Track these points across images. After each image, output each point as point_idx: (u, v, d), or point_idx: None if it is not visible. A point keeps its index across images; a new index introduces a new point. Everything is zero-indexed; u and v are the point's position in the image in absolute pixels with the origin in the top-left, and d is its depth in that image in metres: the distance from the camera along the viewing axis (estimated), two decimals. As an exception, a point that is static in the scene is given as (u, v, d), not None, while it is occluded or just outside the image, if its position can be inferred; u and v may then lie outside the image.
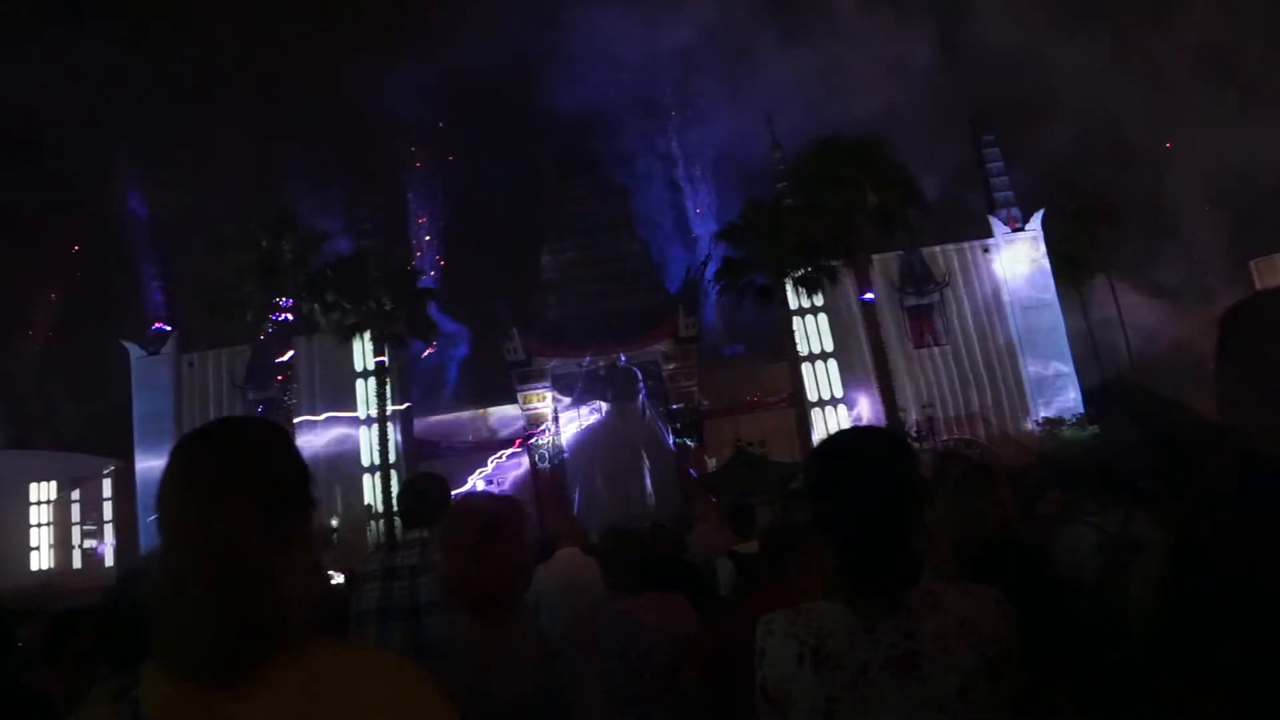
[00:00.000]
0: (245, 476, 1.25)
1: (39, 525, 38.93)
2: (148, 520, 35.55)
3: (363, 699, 1.20)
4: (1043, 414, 34.25)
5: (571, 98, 45.77)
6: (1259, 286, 38.09)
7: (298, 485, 1.34)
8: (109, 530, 39.59)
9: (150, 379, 37.67)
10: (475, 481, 36.04)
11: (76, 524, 39.48)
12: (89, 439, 42.40)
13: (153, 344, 38.15)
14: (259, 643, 1.17)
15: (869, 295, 30.58)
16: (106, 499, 39.79)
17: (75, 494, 39.56)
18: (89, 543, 39.41)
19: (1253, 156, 42.62)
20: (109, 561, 38.42)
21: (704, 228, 46.33)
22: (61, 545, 38.87)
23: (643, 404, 38.77)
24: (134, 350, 38.15)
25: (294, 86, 48.50)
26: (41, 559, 38.40)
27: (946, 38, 48.36)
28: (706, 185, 48.03)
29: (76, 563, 38.67)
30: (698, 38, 48.10)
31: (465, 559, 1.99)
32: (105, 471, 39.83)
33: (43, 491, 39.23)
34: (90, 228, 45.52)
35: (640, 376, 38.95)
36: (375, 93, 49.15)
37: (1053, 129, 45.82)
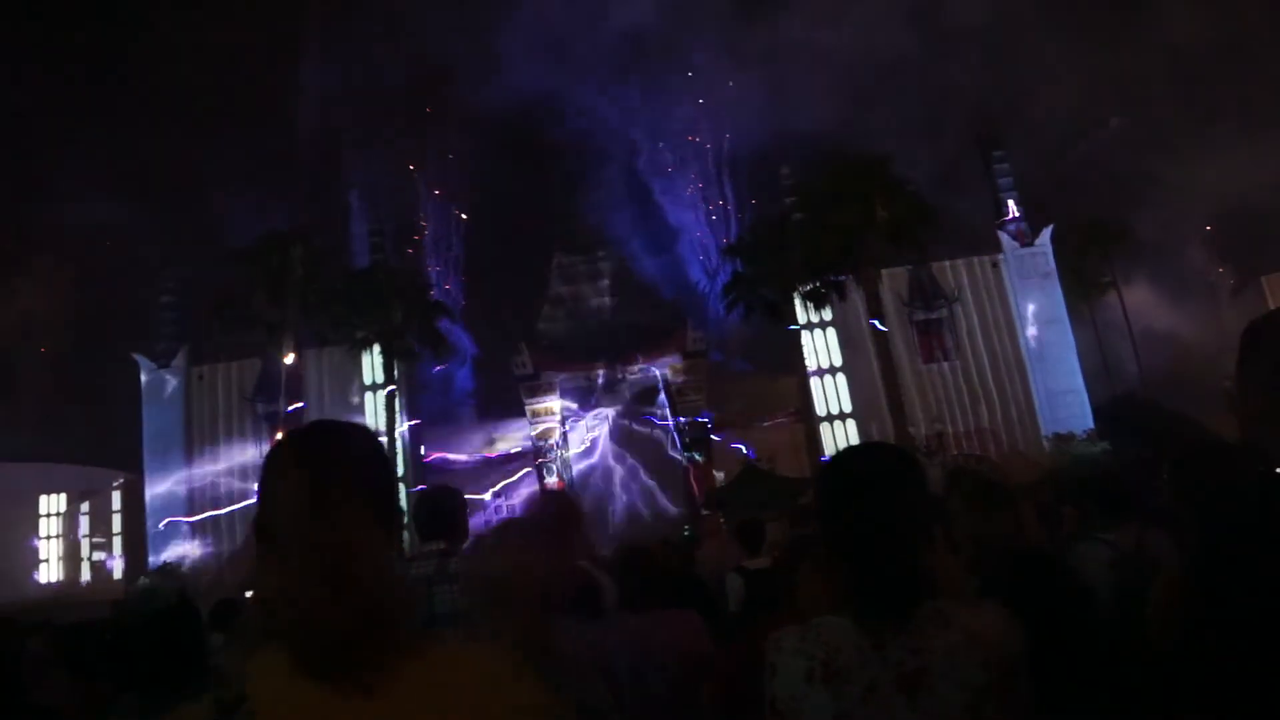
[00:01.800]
0: (364, 481, 1.27)
1: (48, 538, 39.05)
2: (156, 531, 35.66)
3: (501, 694, 1.22)
4: (1052, 430, 34.08)
5: (579, 111, 45.99)
6: (1270, 302, 37.97)
7: (395, 482, 1.38)
8: (118, 543, 39.68)
9: (160, 392, 37.81)
10: (485, 496, 36.00)
11: (85, 537, 39.57)
12: (98, 452, 42.57)
13: (162, 357, 38.32)
14: (385, 641, 1.19)
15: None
16: (116, 512, 39.90)
17: (84, 507, 39.67)
18: (98, 555, 39.50)
19: (1264, 172, 42.50)
20: (117, 574, 38.50)
21: (713, 243, 46.37)
22: (70, 558, 38.97)
23: (650, 419, 38.77)
24: (144, 363, 38.31)
25: (301, 96, 48.81)
26: (50, 571, 38.50)
27: (956, 53, 48.47)
28: (717, 200, 48.08)
29: (85, 575, 38.75)
30: (710, 53, 48.25)
31: (549, 551, 1.99)
32: (114, 484, 39.96)
33: (52, 504, 39.37)
34: (99, 239, 45.80)
35: (649, 391, 38.98)
36: (382, 104, 49.38)
37: (1063, 144, 45.83)
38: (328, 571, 1.18)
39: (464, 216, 47.37)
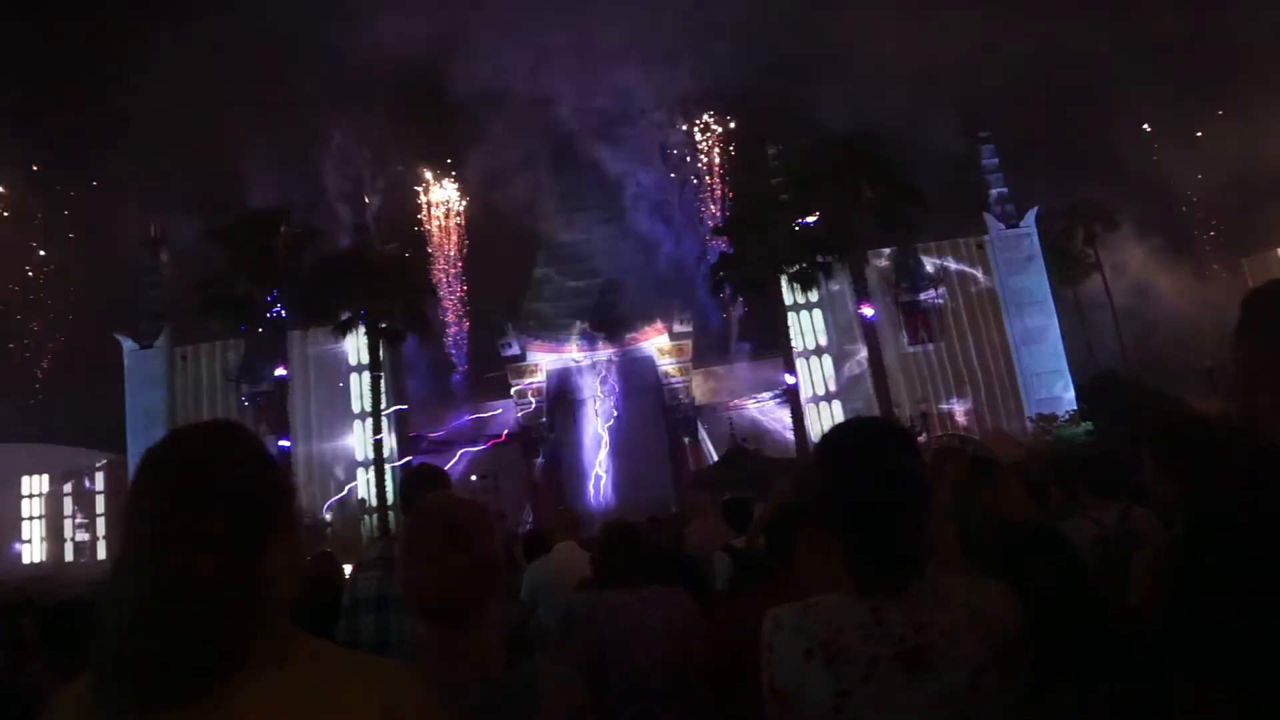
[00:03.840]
0: (206, 490, 1.21)
1: (31, 518, 38.82)
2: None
3: (347, 700, 1.19)
4: (1036, 410, 34.32)
5: (570, 93, 45.63)
6: (1251, 283, 38.22)
7: (265, 484, 1.29)
8: (101, 524, 39.48)
9: (143, 372, 37.53)
10: (470, 475, 36.00)
11: (69, 517, 39.36)
12: (82, 432, 42.29)
13: (146, 337, 38.01)
14: (221, 660, 1.14)
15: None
16: (99, 492, 39.68)
17: (67, 487, 39.44)
18: (81, 536, 39.32)
19: (1245, 156, 42.74)
20: (101, 555, 38.33)
21: (702, 224, 46.20)
22: (53, 538, 38.78)
23: (638, 399, 38.76)
24: (127, 343, 38.00)
25: (288, 76, 48.34)
26: (33, 552, 38.29)
27: (943, 34, 48.32)
28: (705, 181, 47.87)
29: (69, 556, 38.58)
30: (694, 33, 47.89)
31: (427, 565, 1.91)
32: (98, 465, 39.71)
33: (34, 485, 39.10)
34: (84, 219, 45.34)
35: (636, 371, 38.97)
36: (369, 85, 48.93)
37: (1049, 127, 45.91)
38: (155, 589, 1.14)
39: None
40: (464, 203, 49.11)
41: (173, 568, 1.15)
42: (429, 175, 48.43)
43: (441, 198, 48.89)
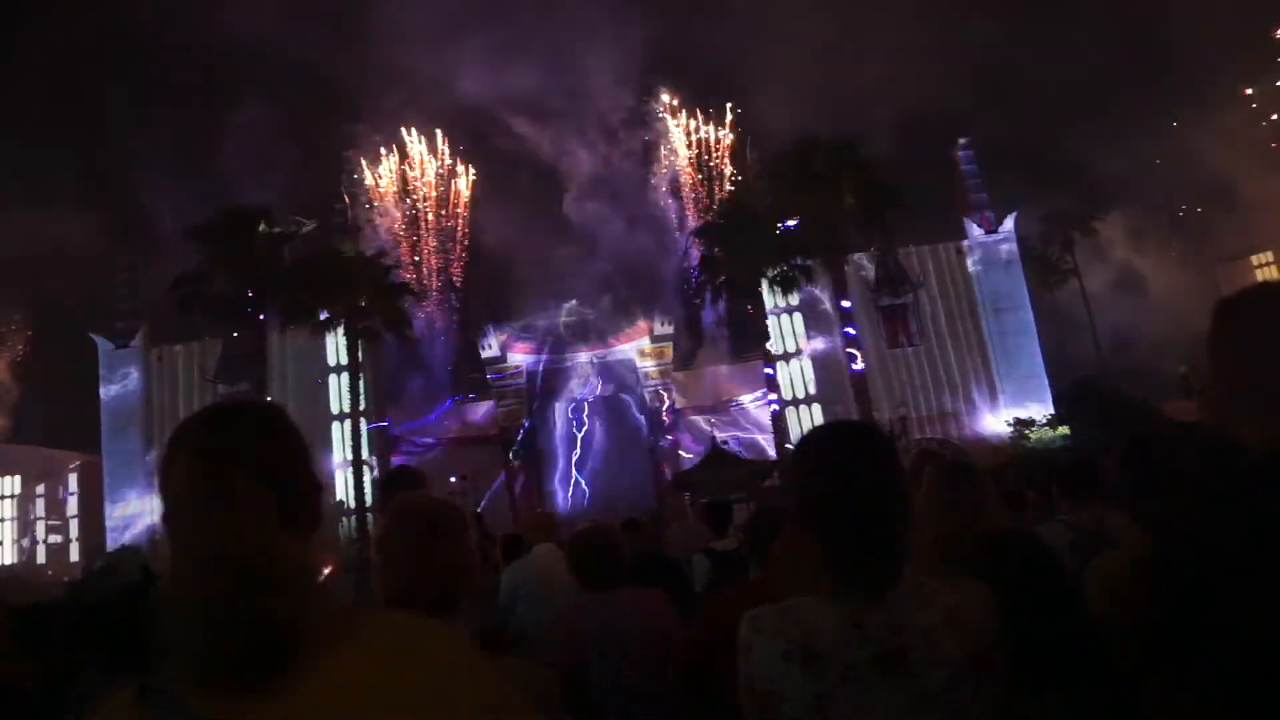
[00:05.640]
0: (257, 462, 1.20)
1: (1, 520, 38.33)
2: (115, 515, 35.09)
3: (431, 664, 1.15)
4: (1014, 414, 34.58)
5: (550, 91, 45.59)
6: (1225, 291, 38.71)
7: (304, 466, 1.30)
8: (74, 525, 39.03)
9: (118, 372, 37.12)
10: (449, 476, 35.82)
11: (40, 519, 38.88)
12: (55, 434, 41.79)
13: (120, 337, 37.58)
14: (296, 636, 1.11)
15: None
16: (72, 494, 39.22)
17: (40, 488, 38.95)
18: (53, 538, 38.85)
19: (1220, 165, 43.30)
20: (74, 557, 37.90)
21: (684, 227, 46.25)
22: (25, 539, 38.32)
23: (618, 401, 38.77)
24: (102, 343, 37.58)
25: (270, 75, 48.03)
26: (4, 553, 37.81)
27: (924, 38, 48.66)
28: (686, 185, 47.91)
29: (41, 558, 38.11)
30: (677, 31, 47.98)
31: (403, 561, 1.93)
32: (71, 466, 39.25)
33: (5, 486, 38.60)
34: (58, 217, 44.77)
35: (616, 373, 38.97)
36: (352, 85, 48.72)
37: (1029, 133, 46.32)
38: (226, 561, 1.10)
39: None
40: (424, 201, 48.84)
41: (238, 541, 1.12)
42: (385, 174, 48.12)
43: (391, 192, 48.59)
